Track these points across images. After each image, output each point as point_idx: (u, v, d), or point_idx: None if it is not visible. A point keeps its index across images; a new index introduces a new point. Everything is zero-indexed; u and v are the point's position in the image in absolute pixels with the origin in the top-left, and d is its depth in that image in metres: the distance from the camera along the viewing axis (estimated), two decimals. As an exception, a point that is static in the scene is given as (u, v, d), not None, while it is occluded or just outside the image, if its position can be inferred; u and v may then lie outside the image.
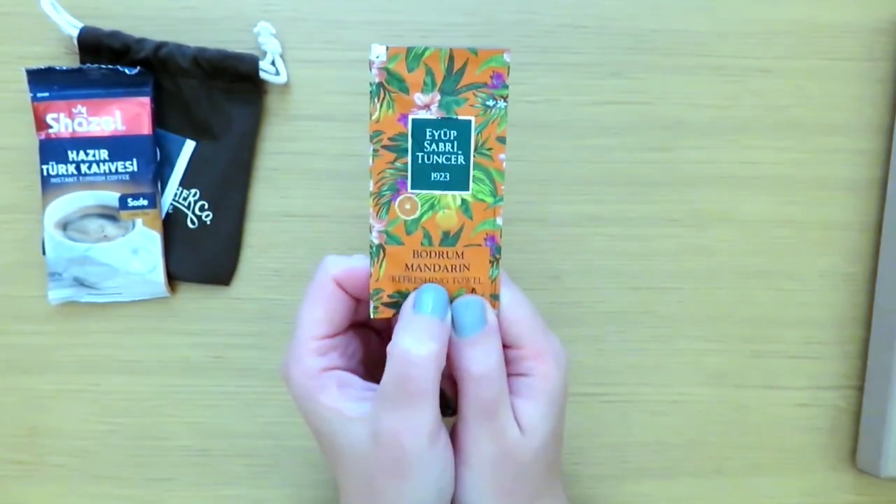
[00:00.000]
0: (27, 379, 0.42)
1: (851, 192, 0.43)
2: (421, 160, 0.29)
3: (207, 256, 0.41)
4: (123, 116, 0.40)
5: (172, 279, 0.42)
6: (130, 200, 0.40)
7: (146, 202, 0.40)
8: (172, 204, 0.41)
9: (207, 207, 0.41)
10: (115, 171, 0.40)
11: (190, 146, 0.41)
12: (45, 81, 0.39)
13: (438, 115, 0.29)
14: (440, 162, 0.29)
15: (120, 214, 0.40)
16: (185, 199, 0.41)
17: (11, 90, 0.40)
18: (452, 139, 0.29)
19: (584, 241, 0.42)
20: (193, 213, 0.41)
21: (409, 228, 0.29)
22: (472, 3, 0.41)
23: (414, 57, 0.28)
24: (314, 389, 0.29)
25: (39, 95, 0.39)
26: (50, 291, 0.41)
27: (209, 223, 0.41)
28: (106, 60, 0.39)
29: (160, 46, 0.39)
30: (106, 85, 0.39)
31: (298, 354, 0.30)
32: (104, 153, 0.40)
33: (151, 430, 0.42)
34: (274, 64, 0.40)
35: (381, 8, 0.41)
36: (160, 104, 0.41)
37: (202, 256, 0.41)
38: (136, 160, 0.40)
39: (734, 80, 0.42)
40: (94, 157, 0.40)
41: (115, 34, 0.39)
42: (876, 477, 0.41)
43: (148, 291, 0.41)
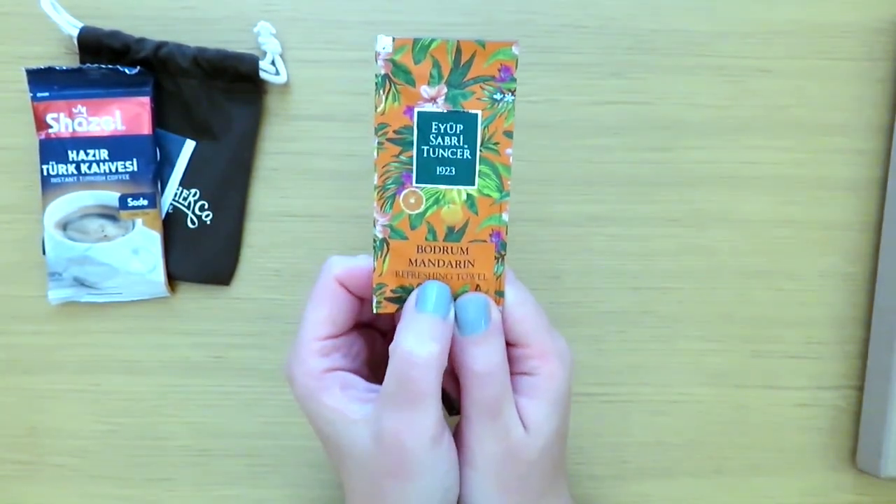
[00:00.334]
0: (27, 379, 0.42)
1: (851, 192, 0.43)
2: (426, 154, 0.28)
3: (207, 256, 0.41)
4: (123, 116, 0.40)
5: (172, 279, 0.42)
6: (130, 200, 0.40)
7: (146, 202, 0.40)
8: (172, 204, 0.41)
9: (207, 207, 0.41)
10: (115, 171, 0.40)
11: (190, 146, 0.41)
12: (45, 81, 0.39)
13: (445, 108, 0.28)
14: (446, 156, 0.28)
15: (120, 214, 0.40)
16: (185, 199, 0.41)
17: (11, 90, 0.40)
18: (459, 133, 0.28)
19: (584, 241, 0.42)
20: (193, 213, 0.41)
21: (413, 223, 0.29)
22: (472, 3, 0.41)
23: (420, 49, 0.28)
24: (317, 390, 0.29)
25: (39, 95, 0.39)
26: (50, 291, 0.41)
27: (209, 223, 0.41)
28: (106, 60, 0.39)
29: (160, 46, 0.39)
30: (106, 85, 0.39)
31: (301, 355, 0.30)
32: (104, 153, 0.40)
33: (151, 430, 0.42)
34: (274, 64, 0.40)
35: (381, 8, 0.41)
36: (160, 104, 0.41)
37: (202, 256, 0.41)
38: (136, 160, 0.40)
39: (734, 80, 0.42)
40: (94, 156, 0.40)
41: (115, 34, 0.39)
42: (876, 477, 0.41)
43: (148, 291, 0.41)
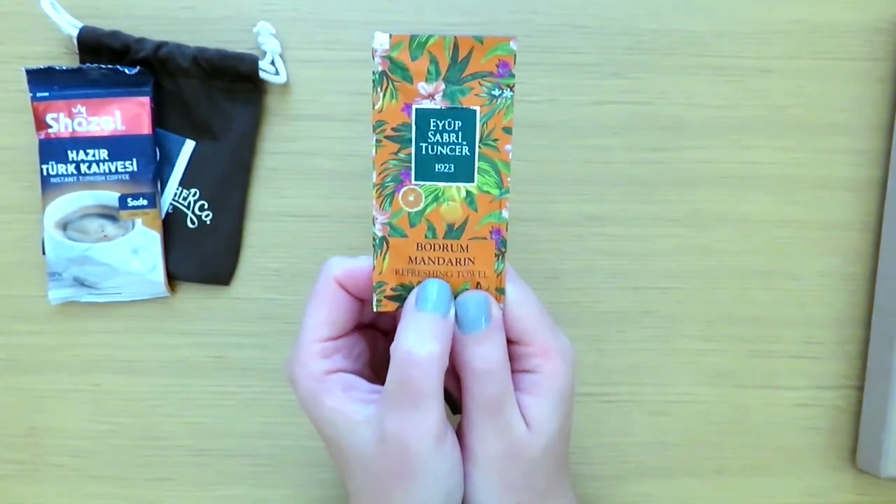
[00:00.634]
0: (27, 379, 0.42)
1: (851, 192, 0.43)
2: (425, 151, 0.28)
3: (207, 256, 0.41)
4: (123, 116, 0.40)
5: (172, 279, 0.42)
6: (130, 200, 0.40)
7: (146, 202, 0.40)
8: (172, 204, 0.41)
9: (207, 207, 0.41)
10: (114, 170, 0.40)
11: (190, 146, 0.41)
12: (44, 81, 0.39)
13: (443, 104, 0.28)
14: (444, 153, 0.28)
15: (120, 214, 0.40)
16: (184, 198, 0.41)
17: (11, 90, 0.40)
18: (457, 129, 0.28)
19: (584, 241, 0.42)
20: (193, 212, 0.41)
21: (412, 221, 0.29)
22: (472, 3, 0.41)
23: (417, 45, 0.27)
24: (319, 392, 0.29)
25: (39, 95, 0.39)
26: (50, 291, 0.41)
27: (209, 223, 0.41)
28: (106, 60, 0.39)
29: (160, 46, 0.39)
30: (106, 85, 0.39)
31: (303, 358, 0.29)
32: (104, 153, 0.40)
33: (151, 430, 0.42)
34: (274, 64, 0.40)
35: (381, 8, 0.41)
36: (160, 104, 0.41)
37: (202, 256, 0.41)
38: (135, 160, 0.40)
39: (734, 80, 0.42)
40: (93, 156, 0.40)
41: (115, 34, 0.39)
42: (876, 477, 0.41)
43: (148, 291, 0.41)
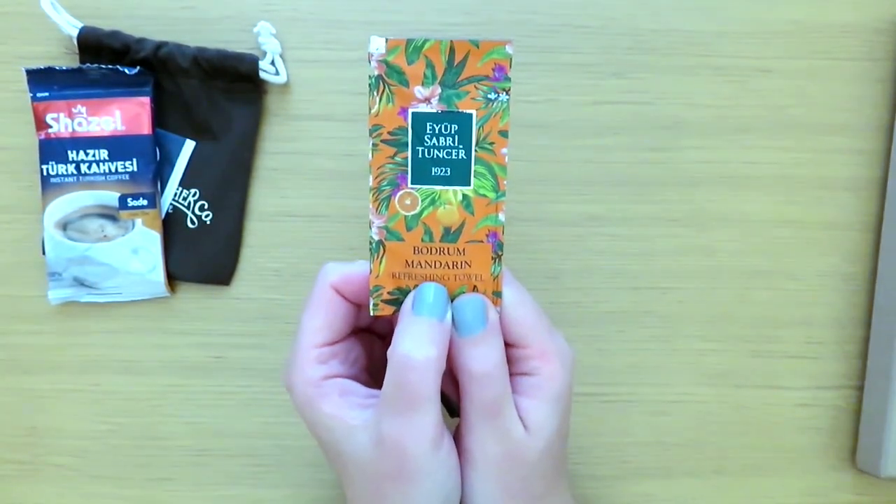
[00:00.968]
0: (27, 379, 0.42)
1: (851, 192, 0.43)
2: (421, 154, 0.28)
3: (207, 256, 0.41)
4: (123, 116, 0.40)
5: (172, 279, 0.42)
6: (130, 200, 0.40)
7: (146, 202, 0.40)
8: (172, 204, 0.41)
9: (207, 207, 0.41)
10: (114, 170, 0.40)
11: (190, 146, 0.41)
12: (44, 81, 0.39)
13: (439, 108, 0.28)
14: (441, 156, 0.28)
15: (120, 214, 0.40)
16: (184, 198, 0.41)
17: (11, 90, 0.40)
18: (453, 133, 0.28)
19: (584, 241, 0.42)
20: (193, 212, 0.41)
21: (409, 224, 0.29)
22: (472, 3, 0.41)
23: (414, 49, 0.28)
24: (316, 398, 0.29)
25: (39, 95, 0.39)
26: (50, 291, 0.41)
27: (209, 223, 0.41)
28: (106, 60, 0.39)
29: (160, 46, 0.39)
30: (106, 85, 0.39)
31: (299, 364, 0.29)
32: (104, 153, 0.40)
33: (151, 430, 0.42)
34: (274, 64, 0.40)
35: (381, 8, 0.41)
36: (160, 104, 0.41)
37: (202, 256, 0.41)
38: (135, 160, 0.40)
39: (734, 80, 0.42)
40: (93, 156, 0.40)
41: (115, 34, 0.39)
42: (876, 477, 0.41)
43: (148, 291, 0.41)
